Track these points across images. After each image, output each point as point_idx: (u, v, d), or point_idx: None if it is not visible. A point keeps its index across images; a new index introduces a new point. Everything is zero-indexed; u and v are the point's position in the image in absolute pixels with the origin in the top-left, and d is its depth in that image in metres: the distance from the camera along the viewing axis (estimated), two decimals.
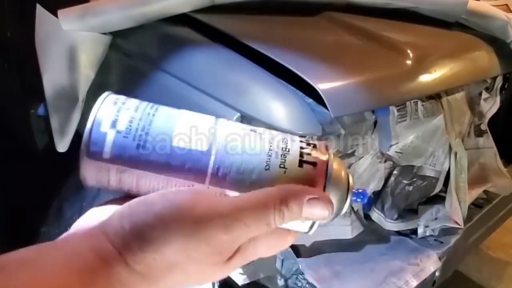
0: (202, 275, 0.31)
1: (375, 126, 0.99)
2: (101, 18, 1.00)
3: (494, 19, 1.00)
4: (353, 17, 1.02)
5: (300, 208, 0.31)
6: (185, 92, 0.88)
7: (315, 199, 0.31)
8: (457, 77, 0.93)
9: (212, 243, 0.29)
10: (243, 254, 0.31)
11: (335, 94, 0.72)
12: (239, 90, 0.83)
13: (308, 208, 0.31)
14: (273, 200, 0.30)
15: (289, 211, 0.30)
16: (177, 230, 0.28)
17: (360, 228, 1.06)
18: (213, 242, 0.29)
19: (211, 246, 0.29)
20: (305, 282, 0.95)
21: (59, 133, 1.12)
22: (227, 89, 0.84)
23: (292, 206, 0.30)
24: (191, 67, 0.90)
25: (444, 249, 1.05)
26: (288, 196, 0.30)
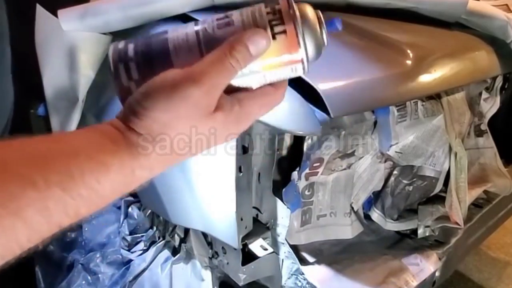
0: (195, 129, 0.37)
1: (375, 126, 0.99)
2: (101, 18, 1.00)
3: (494, 19, 1.00)
4: (353, 17, 1.02)
5: (245, 46, 0.37)
6: None
7: (252, 34, 0.38)
8: (457, 77, 0.93)
9: (189, 99, 0.36)
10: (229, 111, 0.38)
11: (335, 94, 0.72)
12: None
13: (251, 44, 0.38)
14: (223, 50, 0.37)
15: (239, 52, 0.37)
16: (158, 96, 0.36)
17: (360, 228, 1.06)
18: (190, 98, 0.36)
19: (189, 101, 0.36)
20: (305, 282, 0.95)
21: None
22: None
23: (238, 47, 0.37)
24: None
25: (444, 249, 1.05)
26: (233, 43, 0.38)
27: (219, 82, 0.37)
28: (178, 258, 1.21)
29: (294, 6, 0.39)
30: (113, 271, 1.33)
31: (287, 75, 0.41)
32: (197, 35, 0.40)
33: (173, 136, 0.37)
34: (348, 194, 1.02)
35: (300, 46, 0.39)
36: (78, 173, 0.32)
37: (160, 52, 0.40)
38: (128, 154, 0.35)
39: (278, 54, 0.39)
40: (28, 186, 0.30)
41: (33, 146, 0.33)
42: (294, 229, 0.95)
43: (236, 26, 0.39)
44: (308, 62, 0.40)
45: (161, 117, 0.36)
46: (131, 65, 0.40)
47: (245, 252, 0.95)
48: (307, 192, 0.95)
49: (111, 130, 0.36)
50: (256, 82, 0.41)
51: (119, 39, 0.42)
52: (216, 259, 1.04)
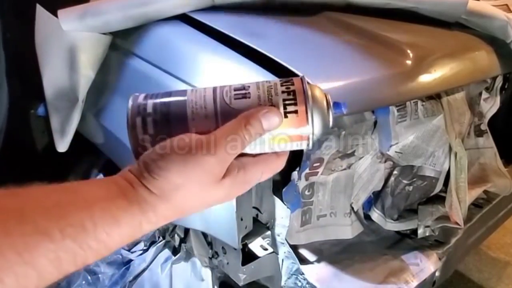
0: (202, 193, 0.40)
1: (375, 126, 0.99)
2: (101, 18, 1.00)
3: (494, 19, 1.00)
4: (353, 17, 1.02)
5: (259, 122, 0.40)
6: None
7: (267, 112, 0.41)
8: (457, 77, 0.93)
9: (203, 165, 0.39)
10: (234, 177, 0.41)
11: (335, 94, 0.72)
12: None
13: (264, 120, 0.41)
14: (239, 123, 0.40)
15: (252, 126, 0.40)
16: (173, 159, 0.38)
17: (360, 228, 1.06)
18: (204, 164, 0.39)
19: (203, 167, 0.39)
20: (305, 282, 0.95)
21: (59, 133, 1.12)
22: None
23: (253, 122, 0.40)
24: (190, 67, 0.90)
25: (444, 249, 1.05)
26: (248, 117, 0.41)
27: (231, 152, 0.40)
28: (178, 258, 1.21)
29: (308, 90, 0.43)
30: (113, 271, 1.33)
31: (292, 148, 0.44)
32: (215, 103, 0.42)
33: (182, 198, 0.39)
34: (348, 194, 1.02)
35: (309, 126, 0.42)
36: (91, 226, 0.35)
37: (177, 114, 0.42)
38: (138, 210, 0.38)
39: (287, 130, 0.42)
40: (44, 238, 0.32)
41: (50, 196, 0.35)
42: (294, 229, 0.95)
43: (251, 100, 0.42)
44: (313, 140, 0.43)
45: (174, 179, 0.38)
46: (148, 120, 0.42)
47: (245, 252, 0.95)
48: (307, 192, 0.95)
49: (125, 184, 0.39)
50: (262, 151, 0.44)
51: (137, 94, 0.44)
52: (216, 259, 1.04)
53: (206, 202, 0.42)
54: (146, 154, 0.40)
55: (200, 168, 0.39)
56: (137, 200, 0.38)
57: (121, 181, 0.39)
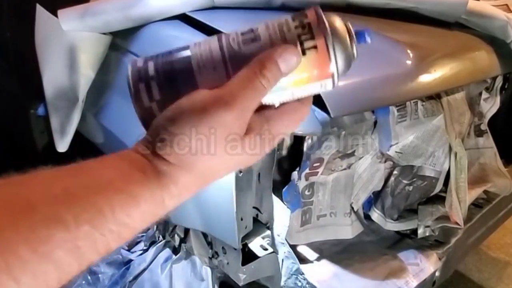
0: (227, 155, 0.35)
1: (375, 126, 0.99)
2: (101, 18, 1.00)
3: (494, 19, 1.00)
4: (353, 17, 1.02)
5: (276, 64, 0.36)
6: None
7: (283, 51, 0.36)
8: (457, 77, 0.93)
9: (220, 122, 0.34)
10: (258, 133, 0.37)
11: (335, 94, 0.72)
12: None
13: (281, 61, 0.36)
14: (253, 70, 0.36)
15: (269, 70, 0.36)
16: (186, 121, 0.34)
17: (360, 228, 1.06)
18: (221, 121, 0.34)
19: (220, 125, 0.34)
20: (305, 282, 0.95)
21: (59, 133, 1.12)
22: None
23: (269, 66, 0.36)
24: None
25: (444, 249, 1.05)
26: (263, 61, 0.36)
27: (250, 103, 0.36)
28: (178, 258, 1.21)
29: (324, 20, 0.38)
30: (113, 271, 1.33)
31: (316, 91, 0.39)
32: (222, 51, 0.38)
33: (203, 163, 0.35)
34: (348, 194, 1.02)
35: (331, 62, 0.37)
36: (108, 208, 0.31)
37: (183, 70, 0.37)
38: (157, 184, 0.34)
39: (308, 70, 0.37)
40: (58, 227, 0.29)
41: (58, 181, 0.31)
42: (294, 229, 0.95)
43: (262, 42, 0.37)
44: (338, 76, 0.38)
45: (192, 144, 0.34)
46: (153, 85, 0.37)
47: (245, 252, 0.95)
48: (307, 192, 0.95)
49: (138, 158, 0.35)
50: (283, 98, 0.39)
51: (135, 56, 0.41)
52: (216, 259, 1.04)
53: (231, 164, 0.37)
54: (157, 121, 0.36)
55: (215, 125, 0.34)
56: (155, 174, 0.34)
57: (133, 155, 0.35)
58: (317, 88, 0.39)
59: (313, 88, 0.39)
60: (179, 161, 0.34)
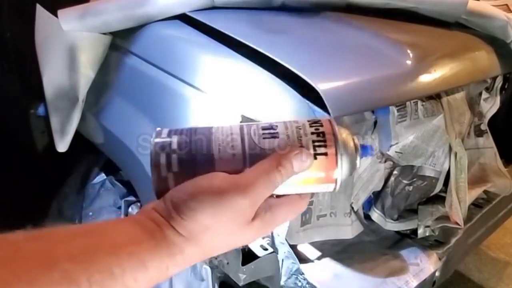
0: (233, 235, 0.39)
1: (375, 126, 0.99)
2: (101, 18, 1.00)
3: (494, 19, 1.00)
4: (353, 17, 1.02)
5: (291, 163, 0.40)
6: (185, 92, 0.89)
7: (298, 154, 0.41)
8: (457, 77, 0.93)
9: (234, 207, 0.37)
10: (262, 219, 0.40)
11: (335, 94, 0.72)
12: (239, 89, 0.83)
13: (296, 162, 0.40)
14: (271, 165, 0.40)
15: (284, 168, 0.40)
16: (204, 200, 0.37)
17: (360, 228, 1.06)
18: (235, 206, 0.37)
19: (234, 209, 0.37)
20: (305, 282, 0.95)
21: (59, 133, 1.12)
22: (227, 89, 0.84)
23: (285, 164, 0.40)
24: (190, 67, 0.90)
25: (444, 249, 1.05)
26: (280, 159, 0.40)
27: (263, 194, 0.39)
28: None
29: (337, 132, 0.42)
30: None
31: (318, 191, 0.44)
32: (243, 142, 0.41)
33: (210, 239, 0.38)
34: (348, 194, 1.02)
35: (337, 169, 0.42)
36: (119, 272, 0.33)
37: (203, 152, 0.41)
38: (166, 254, 0.36)
39: (316, 172, 0.42)
40: (71, 285, 0.31)
41: (76, 240, 0.34)
42: (294, 229, 0.95)
43: (280, 140, 0.42)
44: (341, 182, 0.43)
45: (205, 221, 0.37)
46: (173, 158, 0.40)
47: (245, 252, 0.95)
48: None
49: (151, 226, 0.37)
50: (288, 192, 0.43)
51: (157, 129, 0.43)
52: (216, 259, 1.04)
53: (234, 243, 0.41)
54: (174, 194, 0.38)
55: (232, 210, 0.37)
56: (165, 243, 0.36)
57: (147, 222, 0.37)
58: (320, 189, 0.44)
59: (317, 188, 0.43)
60: (190, 234, 0.37)
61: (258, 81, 0.81)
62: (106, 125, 1.13)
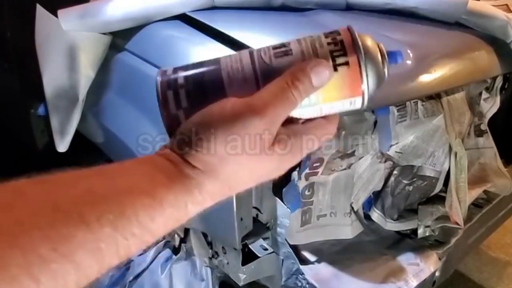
0: (254, 164, 0.35)
1: (375, 126, 0.99)
2: (101, 18, 1.00)
3: (494, 19, 1.00)
4: (353, 17, 1.02)
5: (308, 77, 0.36)
6: None
7: (316, 65, 0.36)
8: (457, 77, 0.93)
9: (250, 129, 0.34)
10: (285, 144, 0.36)
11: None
12: None
13: (314, 74, 0.36)
14: (286, 81, 0.36)
15: (301, 83, 0.36)
16: (216, 127, 0.34)
17: (360, 228, 1.06)
18: (251, 128, 0.34)
19: (250, 132, 0.34)
20: (305, 282, 0.95)
21: (59, 133, 1.12)
22: None
23: (301, 78, 0.36)
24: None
25: (444, 249, 1.05)
26: (296, 73, 0.36)
27: (281, 113, 0.36)
28: (178, 258, 1.21)
29: (357, 38, 0.38)
30: (113, 271, 1.33)
31: (345, 109, 0.39)
32: (253, 64, 0.38)
33: (230, 170, 0.35)
34: (348, 194, 1.02)
35: (363, 80, 0.38)
36: (132, 211, 0.30)
37: (212, 81, 0.38)
38: (182, 189, 0.33)
39: (339, 86, 0.38)
40: (80, 227, 0.28)
41: (82, 182, 0.31)
42: (294, 229, 0.95)
43: (295, 56, 0.38)
44: (368, 95, 0.38)
45: (219, 149, 0.34)
46: (181, 92, 0.38)
47: (245, 252, 0.95)
48: (307, 192, 0.95)
49: (162, 161, 0.34)
50: (311, 114, 0.39)
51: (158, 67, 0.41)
52: (216, 259, 1.04)
53: (256, 175, 0.37)
54: (185, 125, 0.36)
55: (245, 133, 0.34)
56: (180, 178, 0.33)
57: (159, 160, 0.34)
58: (346, 105, 0.39)
59: (342, 105, 0.39)
60: (206, 166, 0.34)
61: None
62: (106, 125, 1.13)
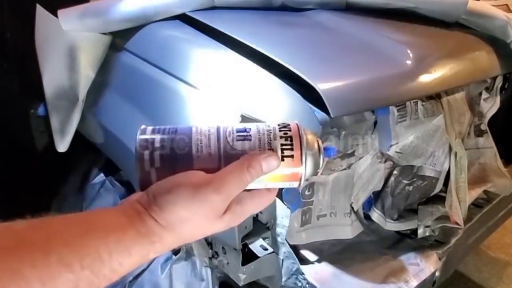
0: (205, 226, 0.44)
1: (375, 126, 0.99)
2: (101, 18, 1.00)
3: (494, 19, 1.00)
4: (353, 17, 1.02)
5: (260, 165, 0.45)
6: (186, 92, 0.88)
7: (267, 156, 0.45)
8: (457, 77, 0.93)
9: (209, 202, 0.42)
10: (233, 212, 0.45)
11: (335, 94, 0.72)
12: (239, 89, 0.83)
13: (264, 163, 0.45)
14: (242, 165, 0.45)
15: (254, 168, 0.45)
16: (181, 194, 0.42)
17: (360, 228, 1.06)
18: (210, 202, 0.43)
19: (209, 204, 0.43)
20: (305, 282, 0.95)
21: (59, 133, 1.12)
22: (227, 89, 0.84)
23: (254, 165, 0.45)
24: (190, 67, 0.90)
25: (444, 249, 1.05)
26: (251, 160, 0.45)
27: (234, 191, 0.44)
28: (178, 258, 1.21)
29: (303, 136, 0.47)
30: None
31: (283, 186, 0.50)
32: (218, 142, 0.46)
33: (187, 229, 0.43)
34: (348, 194, 1.02)
35: (302, 169, 0.47)
36: (107, 256, 0.38)
37: (183, 151, 0.45)
38: (147, 242, 0.41)
39: (282, 171, 0.47)
40: (66, 269, 0.36)
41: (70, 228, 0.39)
42: (294, 229, 0.95)
43: (252, 142, 0.47)
44: (304, 181, 0.48)
45: (181, 213, 0.42)
46: (156, 154, 0.45)
47: (245, 252, 0.95)
48: (307, 192, 0.95)
49: (134, 215, 0.42)
50: (256, 187, 0.48)
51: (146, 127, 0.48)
52: (216, 259, 1.04)
53: (207, 232, 0.46)
54: (156, 188, 0.43)
55: (206, 205, 0.42)
56: (146, 232, 0.41)
57: (130, 212, 0.42)
58: (285, 185, 0.49)
59: (283, 185, 0.49)
60: (168, 224, 0.42)
61: (258, 81, 0.81)
62: (106, 125, 1.13)
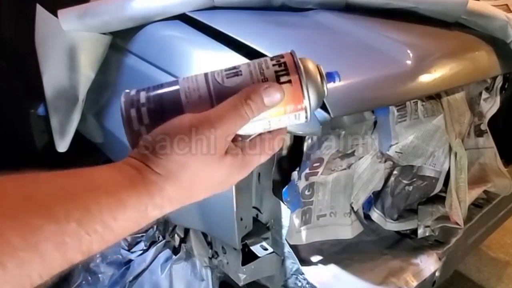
0: (207, 173, 0.40)
1: (375, 126, 0.99)
2: (101, 18, 1.00)
3: (494, 19, 1.00)
4: (353, 17, 1.02)
5: (260, 97, 0.40)
6: None
7: (269, 87, 0.40)
8: (457, 77, 0.93)
9: (206, 141, 0.38)
10: (235, 156, 0.41)
11: (335, 94, 0.72)
12: None
13: (266, 95, 0.40)
14: (240, 99, 0.40)
15: (254, 102, 0.40)
16: (176, 137, 0.38)
17: (360, 228, 1.06)
18: (206, 138, 0.38)
19: (206, 142, 0.38)
20: (305, 282, 0.95)
21: (59, 133, 1.12)
22: None
23: (254, 98, 0.40)
24: (190, 67, 0.90)
25: (444, 249, 1.05)
26: (249, 92, 0.40)
27: (233, 127, 0.40)
28: (178, 258, 1.21)
29: (298, 59, 0.43)
30: (113, 271, 1.33)
31: (290, 122, 0.44)
32: (207, 83, 0.42)
33: (188, 177, 0.38)
34: (348, 194, 1.02)
35: (304, 95, 0.42)
36: (97, 209, 0.33)
37: (171, 99, 0.42)
38: (144, 192, 0.37)
39: (284, 102, 0.42)
40: (49, 221, 0.31)
41: (54, 180, 0.34)
42: (294, 229, 0.95)
43: (244, 77, 0.42)
44: (310, 110, 0.43)
45: (179, 157, 0.38)
46: (143, 110, 0.41)
47: (245, 252, 0.95)
48: (307, 192, 0.95)
49: (128, 169, 0.37)
50: (260, 128, 0.43)
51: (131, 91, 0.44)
52: (216, 259, 1.04)
53: (210, 184, 0.41)
54: (148, 137, 0.39)
55: (204, 143, 0.38)
56: (142, 182, 0.37)
57: (123, 166, 0.38)
58: (291, 119, 0.43)
59: (288, 119, 0.43)
60: (167, 172, 0.37)
61: None
62: (106, 125, 1.13)
